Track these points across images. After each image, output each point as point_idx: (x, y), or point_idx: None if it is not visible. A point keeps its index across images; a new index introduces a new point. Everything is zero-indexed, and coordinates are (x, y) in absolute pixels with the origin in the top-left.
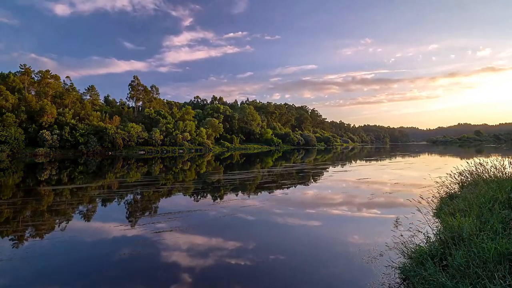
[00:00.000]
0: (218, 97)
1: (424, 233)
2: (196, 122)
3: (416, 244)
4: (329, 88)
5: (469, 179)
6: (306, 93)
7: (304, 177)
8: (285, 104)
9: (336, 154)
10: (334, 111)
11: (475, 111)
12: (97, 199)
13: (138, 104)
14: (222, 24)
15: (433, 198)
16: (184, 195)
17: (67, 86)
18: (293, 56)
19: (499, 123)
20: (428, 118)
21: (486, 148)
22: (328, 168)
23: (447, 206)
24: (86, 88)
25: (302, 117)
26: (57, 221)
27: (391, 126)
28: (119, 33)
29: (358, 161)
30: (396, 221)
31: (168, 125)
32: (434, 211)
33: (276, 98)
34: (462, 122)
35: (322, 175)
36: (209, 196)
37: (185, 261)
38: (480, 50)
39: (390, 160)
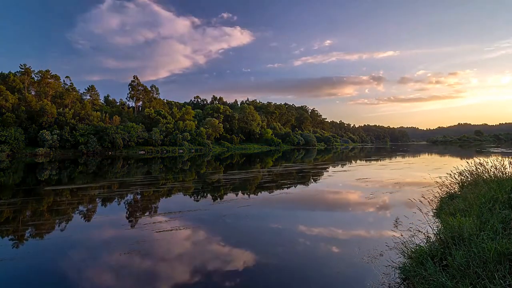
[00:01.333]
0: (218, 97)
1: (424, 233)
2: (196, 122)
3: (416, 244)
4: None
5: (469, 179)
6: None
7: (304, 177)
8: (285, 104)
9: (336, 154)
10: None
11: (475, 111)
12: (97, 199)
13: (138, 104)
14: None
15: (433, 198)
16: (184, 195)
17: (67, 86)
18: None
19: (499, 123)
20: (428, 118)
21: (486, 148)
22: (328, 168)
23: (447, 206)
24: (86, 88)
25: (302, 117)
26: (57, 221)
27: (391, 126)
28: None
29: (358, 161)
30: (396, 221)
31: (168, 125)
32: (434, 211)
33: (314, 97)
34: (462, 122)
35: (322, 175)
36: (209, 196)
37: (185, 261)
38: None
39: (390, 160)
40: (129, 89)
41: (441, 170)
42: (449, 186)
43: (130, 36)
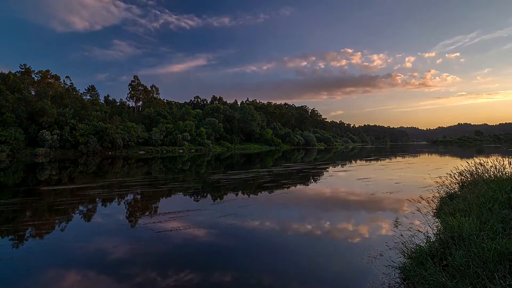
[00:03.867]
0: (218, 97)
1: (424, 233)
2: (196, 122)
3: (416, 244)
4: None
5: (469, 179)
6: None
7: (304, 177)
8: (285, 104)
9: (336, 154)
10: None
11: (475, 111)
12: (97, 199)
13: (138, 104)
14: None
15: (433, 198)
16: (184, 195)
17: (67, 86)
18: None
19: (499, 123)
20: (428, 118)
21: (486, 148)
22: (328, 168)
23: (447, 206)
24: (86, 88)
25: (302, 117)
26: (57, 221)
27: (391, 126)
28: None
29: (358, 161)
30: (396, 221)
31: (168, 125)
32: (434, 211)
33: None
34: (462, 122)
35: (322, 175)
36: (209, 196)
37: (185, 261)
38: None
39: (390, 160)
40: (129, 89)
41: (441, 170)
42: (449, 186)
43: None
